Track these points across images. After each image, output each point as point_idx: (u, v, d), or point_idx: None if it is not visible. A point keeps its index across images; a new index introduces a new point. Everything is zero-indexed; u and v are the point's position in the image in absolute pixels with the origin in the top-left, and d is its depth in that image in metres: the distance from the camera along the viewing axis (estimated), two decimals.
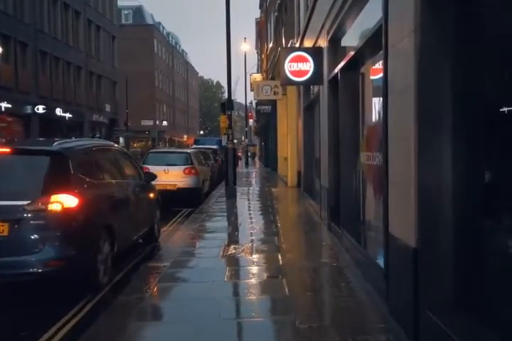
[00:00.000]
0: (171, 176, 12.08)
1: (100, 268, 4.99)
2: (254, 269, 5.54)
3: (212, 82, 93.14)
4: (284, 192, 14.74)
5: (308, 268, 5.49)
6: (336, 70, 6.96)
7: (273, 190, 15.04)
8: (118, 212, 5.62)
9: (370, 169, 5.65)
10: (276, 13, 22.64)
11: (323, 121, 8.42)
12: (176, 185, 12.02)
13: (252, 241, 7.07)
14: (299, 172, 14.91)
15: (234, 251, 6.38)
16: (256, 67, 42.15)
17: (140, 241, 6.96)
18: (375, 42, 5.01)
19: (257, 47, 45.09)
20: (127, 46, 45.15)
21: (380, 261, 4.60)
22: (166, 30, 57.49)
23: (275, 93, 15.76)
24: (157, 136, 50.02)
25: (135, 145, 50.28)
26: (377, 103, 5.45)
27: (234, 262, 5.90)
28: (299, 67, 8.16)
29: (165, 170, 12.10)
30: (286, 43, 15.99)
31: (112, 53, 34.96)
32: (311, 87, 12.07)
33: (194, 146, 23.05)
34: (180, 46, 66.83)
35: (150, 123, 48.85)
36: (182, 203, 11.88)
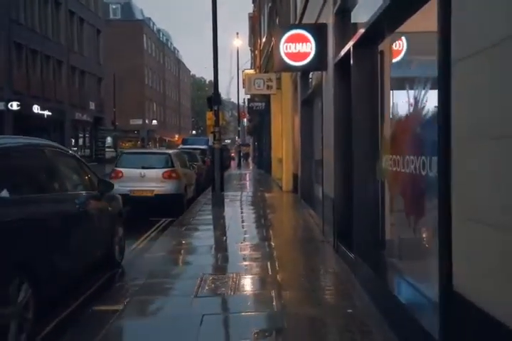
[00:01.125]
0: (147, 181, 10.48)
1: (11, 325, 3.39)
2: (239, 319, 3.96)
3: (205, 80, 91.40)
4: (279, 198, 13.17)
5: (314, 317, 3.91)
6: (345, 51, 5.42)
7: (266, 195, 13.46)
8: (46, 239, 4.01)
9: (397, 178, 4.10)
10: (270, 4, 21.11)
11: (327, 116, 6.87)
12: (153, 191, 10.42)
13: (238, 268, 5.49)
14: (295, 176, 13.37)
15: (213, 286, 4.80)
16: (249, 63, 40.64)
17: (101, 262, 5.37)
18: (401, 7, 3.53)
19: (250, 45, 43.75)
20: (115, 42, 43.53)
21: (425, 318, 3.05)
22: (156, 26, 55.73)
23: (268, 87, 14.19)
24: (146, 135, 48.29)
25: (125, 144, 48.59)
26: (408, 88, 3.91)
27: (212, 305, 4.31)
28: (297, 48, 6.58)
29: (141, 173, 10.49)
30: None
31: (97, 48, 33.19)
32: (309, 79, 10.54)
33: (181, 146, 21.47)
34: (171, 43, 65.11)
35: (139, 122, 47.12)
36: (160, 212, 10.31)
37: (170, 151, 11.54)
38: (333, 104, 6.19)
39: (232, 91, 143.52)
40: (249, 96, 25.23)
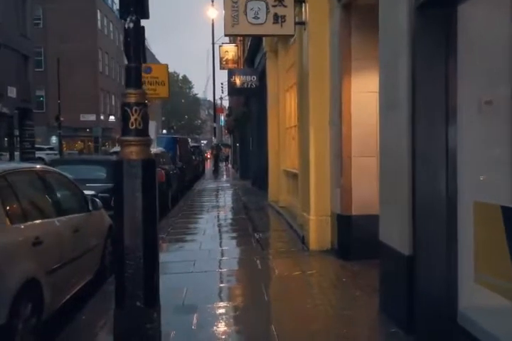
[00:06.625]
0: None
1: None
2: None
3: (178, 75, 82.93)
4: (320, 291, 5.21)
5: None
6: None
7: (277, 271, 5.59)
8: None
9: None
10: None
11: None
12: None
13: None
14: (344, 219, 5.68)
15: None
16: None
17: None
18: None
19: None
20: (61, 18, 35.33)
21: None
22: (115, 5, 47.18)
23: (277, 18, 6.39)
24: (101, 134, 39.86)
25: (75, 145, 40.25)
26: None
27: None
28: None
29: None
30: None
31: (23, 16, 24.80)
32: None
33: (114, 150, 13.69)
34: None
35: (92, 118, 38.71)
36: None
37: None
38: None
39: (209, 92, 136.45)
40: (227, 94, 17.54)
